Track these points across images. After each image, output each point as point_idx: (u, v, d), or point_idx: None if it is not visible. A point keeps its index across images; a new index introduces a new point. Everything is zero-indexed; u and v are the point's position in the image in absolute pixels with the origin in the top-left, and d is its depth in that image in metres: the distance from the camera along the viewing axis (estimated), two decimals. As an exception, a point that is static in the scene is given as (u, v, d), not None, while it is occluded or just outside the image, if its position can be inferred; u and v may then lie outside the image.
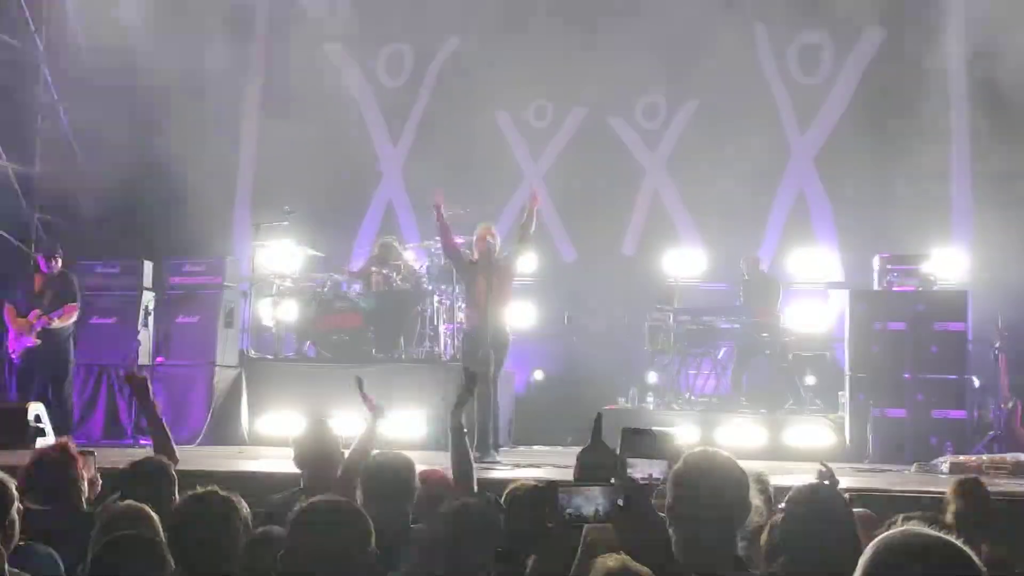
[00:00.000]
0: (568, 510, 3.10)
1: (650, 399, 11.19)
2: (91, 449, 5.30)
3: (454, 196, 11.90)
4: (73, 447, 4.68)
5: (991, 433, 10.05)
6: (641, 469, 3.34)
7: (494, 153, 13.12)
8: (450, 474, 4.97)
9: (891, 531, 2.05)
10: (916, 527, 2.12)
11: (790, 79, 13.04)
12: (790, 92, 13.03)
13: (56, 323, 9.99)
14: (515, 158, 13.41)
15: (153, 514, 3.71)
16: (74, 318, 10.21)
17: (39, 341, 9.97)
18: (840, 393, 10.65)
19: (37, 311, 9.98)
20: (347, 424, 6.90)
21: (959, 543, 1.97)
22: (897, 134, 11.97)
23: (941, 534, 2.02)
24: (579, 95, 13.25)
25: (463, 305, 10.22)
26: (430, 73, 13.62)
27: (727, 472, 3.12)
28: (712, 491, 3.05)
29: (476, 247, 9.23)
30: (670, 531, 3.07)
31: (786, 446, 10.01)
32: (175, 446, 5.16)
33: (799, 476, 4.69)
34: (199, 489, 3.53)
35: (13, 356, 10.08)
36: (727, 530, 3.08)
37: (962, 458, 8.97)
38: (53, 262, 10.22)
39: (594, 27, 12.88)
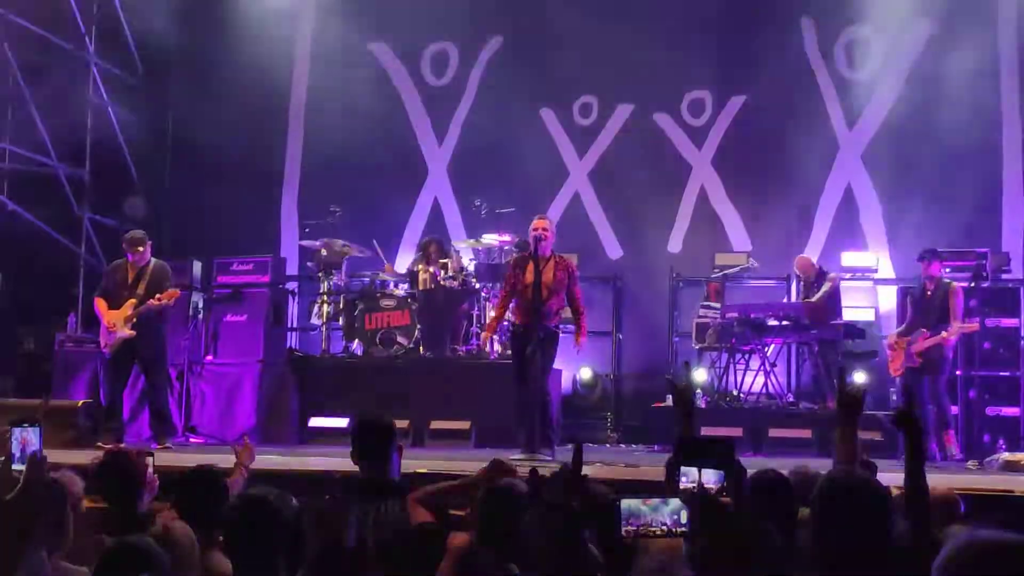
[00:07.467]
0: (630, 525, 2.93)
1: (699, 397, 11.11)
2: (149, 449, 5.34)
3: (498, 195, 11.97)
4: (134, 455, 4.59)
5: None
6: (692, 477, 3.24)
7: (539, 151, 13.08)
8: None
9: (964, 532, 1.99)
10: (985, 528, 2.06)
11: (837, 74, 12.89)
12: (837, 87, 12.87)
13: (155, 303, 9.31)
14: (560, 156, 13.36)
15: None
16: (172, 301, 9.49)
17: (134, 333, 9.35)
18: (891, 390, 10.53)
19: (133, 301, 9.39)
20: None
21: None
22: (946, 128, 11.77)
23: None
24: (624, 92, 13.17)
25: None
26: (475, 71, 13.59)
27: None
28: None
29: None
30: None
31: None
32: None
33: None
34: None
35: (105, 351, 9.57)
36: None
37: (1018, 455, 8.84)
38: (138, 250, 9.53)
39: (639, 23, 12.80)
